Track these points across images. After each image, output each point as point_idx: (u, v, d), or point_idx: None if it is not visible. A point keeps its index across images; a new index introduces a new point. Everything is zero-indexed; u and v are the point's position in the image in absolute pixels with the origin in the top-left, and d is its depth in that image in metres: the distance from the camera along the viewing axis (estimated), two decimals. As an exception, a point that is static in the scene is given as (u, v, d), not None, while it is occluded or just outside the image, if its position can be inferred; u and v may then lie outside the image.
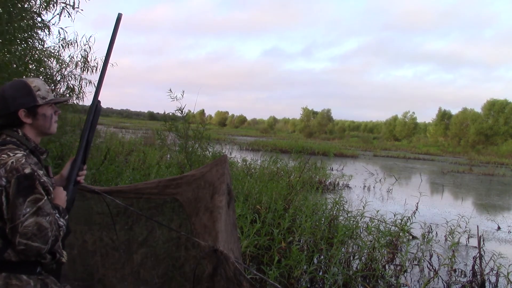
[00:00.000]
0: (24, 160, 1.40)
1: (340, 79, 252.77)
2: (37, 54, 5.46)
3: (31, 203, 1.34)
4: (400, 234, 5.92)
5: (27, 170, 1.37)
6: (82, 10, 5.10)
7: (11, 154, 1.39)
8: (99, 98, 1.81)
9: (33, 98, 1.53)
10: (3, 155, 1.39)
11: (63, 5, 4.95)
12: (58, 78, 6.37)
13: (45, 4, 4.87)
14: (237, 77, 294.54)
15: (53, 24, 5.18)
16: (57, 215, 1.46)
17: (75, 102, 6.70)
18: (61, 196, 1.59)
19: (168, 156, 10.26)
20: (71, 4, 4.97)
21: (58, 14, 4.99)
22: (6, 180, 1.35)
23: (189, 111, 6.86)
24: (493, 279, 4.99)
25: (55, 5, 4.93)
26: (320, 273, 4.60)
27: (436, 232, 7.46)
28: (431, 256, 5.72)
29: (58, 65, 6.34)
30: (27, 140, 1.51)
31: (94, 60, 6.69)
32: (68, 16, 5.08)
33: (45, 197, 1.40)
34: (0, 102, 1.49)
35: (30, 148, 1.51)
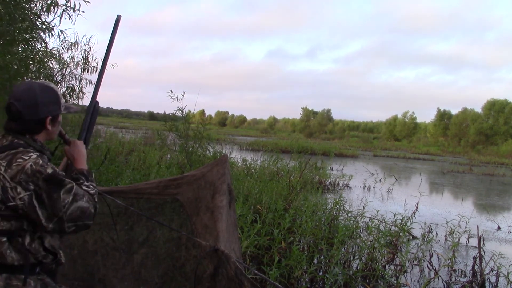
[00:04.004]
0: (40, 160, 1.42)
1: (342, 80, 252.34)
2: (38, 56, 5.47)
3: (66, 193, 1.39)
4: (400, 234, 5.93)
5: (49, 170, 1.40)
6: (83, 12, 5.11)
7: (26, 158, 1.40)
8: (97, 99, 1.83)
9: (59, 106, 1.56)
10: (18, 160, 1.39)
11: (63, 7, 4.96)
12: (59, 78, 6.39)
13: (47, 5, 4.88)
14: (240, 78, 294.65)
15: (53, 26, 5.20)
16: (85, 182, 1.51)
17: (75, 102, 6.72)
18: (80, 157, 1.64)
19: (168, 156, 10.27)
20: (72, 6, 4.98)
21: (59, 16, 5.00)
22: (33, 183, 1.37)
23: (189, 111, 6.87)
24: (493, 279, 4.99)
25: (56, 7, 4.94)
26: (320, 273, 4.60)
27: (436, 232, 7.47)
28: (431, 256, 5.72)
29: (58, 65, 6.35)
30: (34, 141, 1.51)
31: (95, 60, 6.70)
32: (69, 19, 5.10)
33: (74, 183, 1.44)
34: (31, 107, 1.47)
35: (38, 149, 1.51)
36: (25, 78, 5.30)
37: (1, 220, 1.39)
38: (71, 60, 6.49)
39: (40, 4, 4.97)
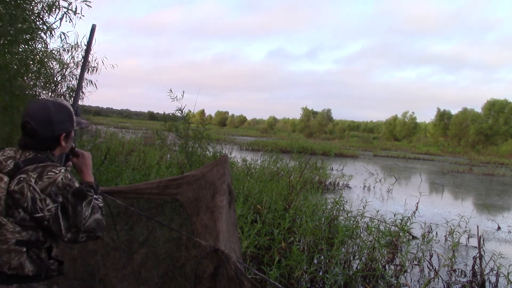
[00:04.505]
0: (69, 174, 1.50)
1: (343, 80, 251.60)
2: (38, 56, 5.47)
3: (87, 206, 1.46)
4: (400, 234, 5.93)
5: (77, 184, 1.50)
6: (83, 16, 5.12)
7: (56, 171, 1.47)
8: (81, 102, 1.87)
9: (72, 123, 1.61)
10: (49, 173, 1.46)
11: (64, 10, 4.97)
12: (59, 79, 6.39)
13: (47, 8, 4.89)
14: (240, 78, 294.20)
15: (54, 29, 5.20)
16: (95, 195, 1.54)
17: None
18: (88, 169, 1.71)
19: (168, 156, 10.27)
20: (73, 10, 4.98)
21: (60, 19, 5.01)
22: (63, 196, 1.45)
23: (189, 111, 6.86)
24: (493, 279, 5.00)
25: (57, 9, 4.95)
26: (320, 273, 4.60)
27: (436, 232, 7.47)
28: (431, 256, 5.73)
29: (59, 66, 6.35)
30: (53, 155, 1.58)
31: (95, 60, 6.71)
32: (70, 21, 5.10)
33: (93, 196, 1.51)
34: (46, 125, 1.51)
35: (57, 163, 1.58)
36: (25, 78, 5.31)
37: (22, 230, 1.44)
38: (71, 60, 6.50)
39: (41, 6, 4.98)
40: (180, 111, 6.55)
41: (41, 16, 4.99)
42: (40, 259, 1.48)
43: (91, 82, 6.80)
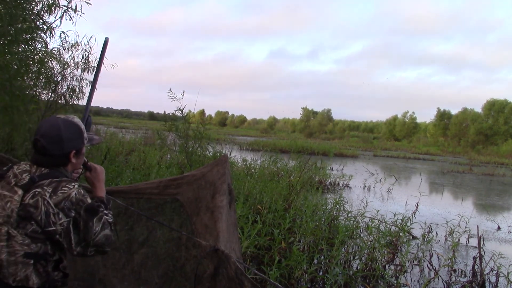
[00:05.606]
0: (82, 190, 1.54)
1: (343, 80, 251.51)
2: (39, 56, 5.47)
3: (98, 222, 1.50)
4: (400, 234, 5.93)
5: (89, 199, 1.55)
6: (83, 13, 5.12)
7: (71, 187, 1.52)
8: (92, 107, 1.87)
9: (82, 140, 1.64)
10: (64, 188, 1.50)
11: (64, 8, 4.97)
12: (59, 79, 6.38)
13: (47, 7, 4.90)
14: (241, 78, 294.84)
15: (54, 28, 5.21)
16: (105, 211, 1.55)
17: (75, 102, 6.73)
18: (101, 184, 1.71)
19: (168, 156, 10.28)
20: (73, 8, 4.99)
21: (59, 17, 5.01)
22: (75, 211, 1.49)
23: (189, 111, 6.85)
24: (493, 279, 5.00)
25: (57, 8, 4.95)
26: (321, 273, 4.60)
27: (436, 232, 7.47)
28: (431, 256, 5.73)
29: (59, 66, 6.34)
30: (66, 171, 1.61)
31: (95, 60, 6.70)
32: (70, 20, 5.10)
33: (103, 211, 1.54)
34: (56, 143, 1.54)
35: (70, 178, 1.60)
36: (25, 78, 5.30)
37: (31, 243, 1.46)
38: (71, 60, 6.49)
39: (41, 5, 4.98)
40: (180, 111, 6.54)
41: (41, 16, 4.99)
42: (46, 272, 1.50)
43: (91, 82, 6.79)
